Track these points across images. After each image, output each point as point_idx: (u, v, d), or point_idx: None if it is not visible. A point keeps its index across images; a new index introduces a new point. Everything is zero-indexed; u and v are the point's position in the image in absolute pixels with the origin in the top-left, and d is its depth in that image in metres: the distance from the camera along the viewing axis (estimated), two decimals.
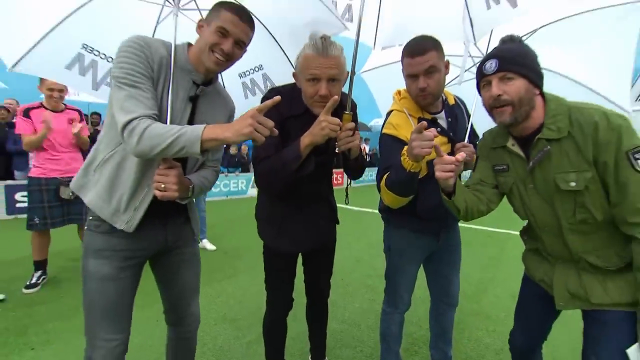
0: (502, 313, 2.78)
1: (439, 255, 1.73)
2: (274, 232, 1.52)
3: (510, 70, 1.09)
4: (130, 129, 1.02)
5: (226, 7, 1.16)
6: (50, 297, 2.76)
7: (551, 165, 1.12)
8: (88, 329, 1.19)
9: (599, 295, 1.13)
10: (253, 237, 2.75)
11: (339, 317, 2.60)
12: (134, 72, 1.07)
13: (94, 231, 1.17)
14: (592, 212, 1.09)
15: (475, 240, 5.13)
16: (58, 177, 2.86)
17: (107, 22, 1.52)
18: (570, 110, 1.09)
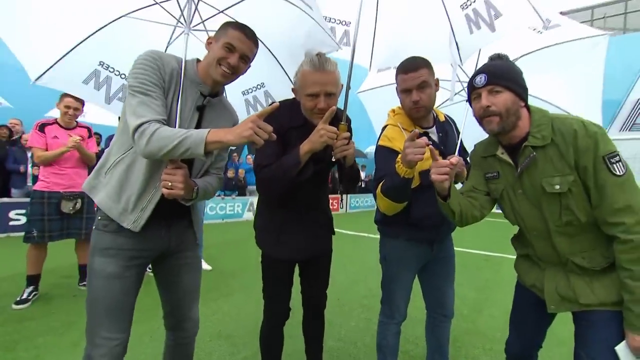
0: (497, 332, 2.76)
1: (433, 267, 1.77)
2: (273, 240, 1.57)
3: (497, 84, 1.20)
4: (141, 131, 1.11)
5: (233, 26, 1.28)
6: (41, 313, 2.71)
7: (537, 170, 1.20)
8: (90, 327, 1.21)
9: (586, 296, 1.18)
10: (249, 259, 2.80)
11: (336, 335, 2.57)
12: (147, 82, 1.17)
13: (102, 230, 1.22)
14: (576, 214, 1.15)
15: (471, 263, 5.13)
16: (61, 191, 2.91)
17: (123, 42, 1.64)
18: (552, 120, 1.19)
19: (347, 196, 12.30)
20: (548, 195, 1.18)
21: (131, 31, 1.63)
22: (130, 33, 1.63)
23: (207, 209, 8.07)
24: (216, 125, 1.36)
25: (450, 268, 1.81)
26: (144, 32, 1.68)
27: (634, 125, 12.56)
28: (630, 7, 14.45)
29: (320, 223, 1.64)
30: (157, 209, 1.24)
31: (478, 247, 6.12)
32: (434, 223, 1.61)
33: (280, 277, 1.61)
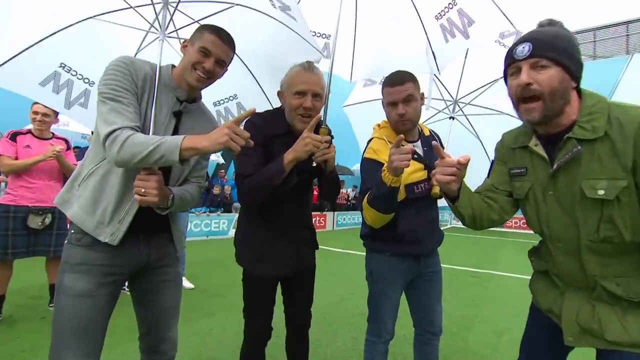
0: (487, 350, 2.71)
1: (420, 283, 1.71)
2: (255, 257, 1.49)
3: (544, 57, 0.94)
4: (112, 138, 1.05)
5: (209, 30, 1.25)
6: (4, 338, 2.49)
7: (579, 169, 0.95)
8: (54, 350, 1.10)
9: (615, 332, 0.96)
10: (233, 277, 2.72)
11: (322, 355, 2.45)
12: (118, 88, 1.12)
13: (75, 244, 1.14)
14: (619, 229, 0.92)
15: (458, 279, 5.12)
16: (29, 205, 2.74)
17: (89, 45, 1.56)
18: (610, 108, 0.94)
19: (334, 213, 12.26)
20: (587, 202, 0.95)
21: (99, 34, 1.57)
22: (98, 36, 1.57)
23: (192, 226, 7.85)
24: (194, 131, 1.31)
25: (437, 284, 1.76)
26: (113, 36, 1.61)
27: None
28: (599, 36, 15.43)
29: (304, 238, 1.58)
30: (135, 221, 1.16)
31: (465, 264, 6.12)
32: (420, 237, 1.58)
33: (262, 295, 1.52)
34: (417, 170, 1.56)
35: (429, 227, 1.65)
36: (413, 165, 1.48)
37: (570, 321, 1.04)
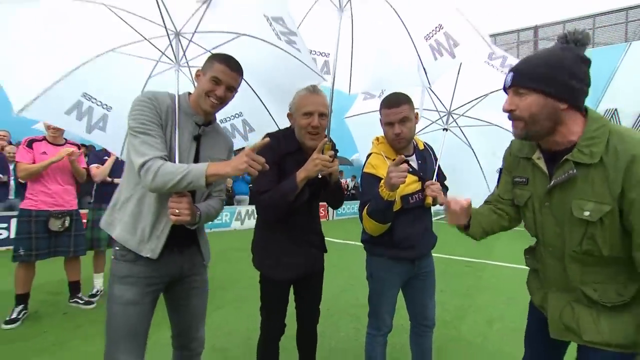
0: (479, 338, 2.92)
1: (415, 282, 1.90)
2: (273, 263, 1.67)
3: (522, 86, 1.06)
4: (146, 168, 1.21)
5: (218, 59, 1.39)
6: (32, 333, 2.70)
7: (573, 189, 1.05)
8: (108, 352, 1.29)
9: (591, 333, 1.08)
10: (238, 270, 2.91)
11: (326, 346, 2.66)
12: (146, 122, 1.27)
13: (120, 260, 1.31)
14: (599, 246, 1.03)
15: (453, 269, 5.33)
16: (49, 209, 2.91)
17: (107, 75, 1.70)
18: (610, 134, 1.00)
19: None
20: (574, 219, 1.05)
21: (115, 64, 1.69)
22: (114, 66, 1.69)
23: None
24: (214, 151, 1.48)
25: (430, 282, 1.94)
26: (126, 66, 1.73)
27: None
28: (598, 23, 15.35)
29: (315, 244, 1.76)
30: (169, 237, 1.34)
31: (460, 254, 6.33)
32: (415, 243, 1.77)
33: (277, 296, 1.71)
34: (412, 183, 1.73)
35: (423, 234, 1.83)
36: (408, 178, 1.64)
37: (554, 318, 1.17)
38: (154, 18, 1.57)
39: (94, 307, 3.27)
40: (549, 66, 1.04)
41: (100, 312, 3.15)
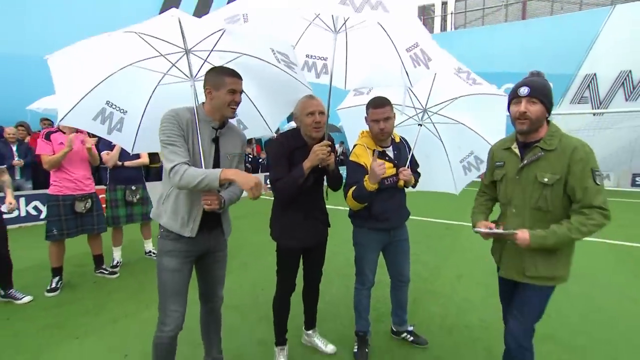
0: (449, 290, 3.51)
1: (392, 248, 2.40)
2: (287, 236, 2.13)
3: (536, 97, 1.57)
4: (174, 172, 1.59)
5: (226, 74, 1.70)
6: (72, 299, 3.17)
7: (537, 166, 1.61)
8: (162, 304, 1.74)
9: (531, 270, 1.64)
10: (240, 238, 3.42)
11: (321, 299, 3.15)
12: (172, 135, 1.63)
13: (166, 239, 1.72)
14: (547, 202, 1.59)
15: (434, 231, 5.93)
16: (73, 193, 3.26)
17: (125, 84, 1.95)
18: (562, 136, 1.60)
19: None
20: (536, 184, 1.61)
21: (132, 76, 1.94)
22: (131, 77, 1.94)
23: None
24: (231, 147, 1.85)
25: (404, 248, 2.44)
26: (140, 76, 1.96)
27: (582, 99, 13.66)
28: None
29: (321, 220, 2.23)
30: (204, 223, 1.75)
31: (442, 217, 6.94)
32: (389, 216, 2.25)
33: (291, 261, 2.19)
34: (388, 168, 2.17)
35: (396, 209, 2.30)
36: (386, 164, 2.10)
37: (506, 262, 1.73)
38: (169, 39, 1.84)
39: (118, 276, 3.74)
40: (547, 89, 1.61)
41: (125, 281, 3.64)
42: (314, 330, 2.53)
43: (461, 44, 15.98)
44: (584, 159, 1.53)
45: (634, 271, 4.12)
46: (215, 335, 2.11)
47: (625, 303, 3.24)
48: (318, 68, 2.44)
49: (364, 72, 2.44)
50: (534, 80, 1.61)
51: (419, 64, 2.10)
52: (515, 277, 1.71)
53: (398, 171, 2.21)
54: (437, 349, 2.48)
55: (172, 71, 2.00)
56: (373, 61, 2.35)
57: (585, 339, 2.62)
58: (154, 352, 1.77)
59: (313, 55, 2.42)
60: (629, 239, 5.55)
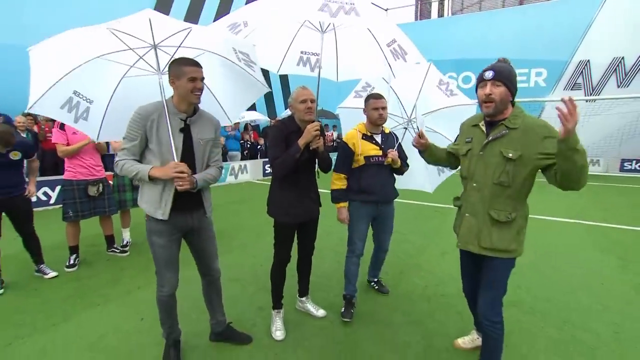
0: (432, 265, 3.84)
1: (377, 223, 2.85)
2: (282, 212, 2.41)
3: (499, 80, 1.71)
4: (115, 164, 1.89)
5: (184, 63, 1.85)
6: (90, 274, 3.51)
7: (501, 142, 1.75)
8: (158, 271, 2.04)
9: (485, 241, 1.79)
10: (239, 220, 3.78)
11: (314, 273, 3.47)
12: (131, 130, 1.85)
13: (151, 220, 1.97)
14: (509, 177, 1.72)
15: (423, 213, 6.25)
16: (86, 178, 3.55)
17: (92, 76, 2.04)
18: (525, 116, 1.74)
19: None
20: (500, 159, 1.74)
21: (100, 67, 2.03)
22: (99, 69, 2.03)
23: None
24: (203, 133, 2.00)
25: (388, 224, 2.85)
26: (107, 69, 2.06)
27: (575, 85, 13.80)
28: None
29: (313, 199, 2.53)
30: (181, 204, 1.93)
31: (432, 200, 7.21)
32: (375, 191, 2.67)
33: (287, 235, 2.49)
34: (373, 149, 2.66)
35: (381, 185, 2.69)
36: (371, 146, 2.65)
37: (464, 234, 1.88)
38: (138, 34, 1.98)
39: (128, 254, 4.07)
40: (511, 74, 1.76)
41: (136, 259, 3.97)
42: (307, 298, 2.88)
43: (458, 29, 15.98)
44: (545, 132, 1.67)
45: (604, 249, 4.47)
46: (218, 303, 2.39)
47: (589, 275, 3.60)
48: (312, 63, 2.74)
49: (352, 66, 2.75)
50: (498, 65, 1.75)
51: (398, 57, 2.40)
52: (471, 248, 1.87)
53: (386, 152, 2.64)
54: (416, 314, 2.83)
55: (140, 64, 2.12)
56: (360, 56, 2.64)
57: (546, 305, 2.98)
58: (159, 306, 2.10)
59: (307, 52, 2.70)
60: (606, 221, 5.90)
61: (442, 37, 15.98)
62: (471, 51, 15.51)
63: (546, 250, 4.35)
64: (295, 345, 2.39)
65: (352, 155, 2.65)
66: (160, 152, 1.90)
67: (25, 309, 2.81)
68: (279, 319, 2.61)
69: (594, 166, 13.15)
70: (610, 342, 2.46)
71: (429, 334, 2.55)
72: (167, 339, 2.20)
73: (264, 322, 2.67)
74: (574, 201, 7.57)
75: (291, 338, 2.48)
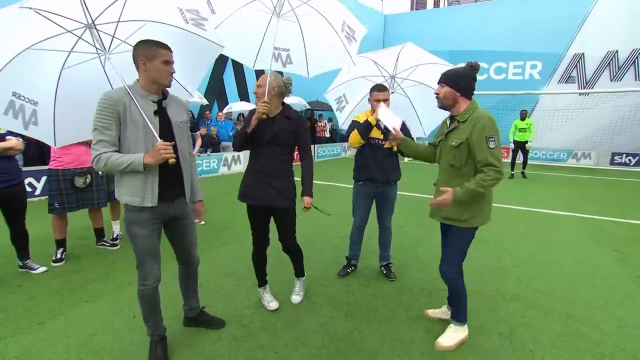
0: (430, 258, 3.79)
1: (379, 202, 3.20)
2: (243, 193, 2.50)
3: (444, 82, 2.13)
4: (97, 160, 1.73)
5: (160, 46, 1.78)
6: (78, 269, 3.35)
7: (454, 133, 2.12)
8: (140, 264, 1.96)
9: (446, 212, 2.16)
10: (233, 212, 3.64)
11: (312, 267, 3.46)
12: (102, 119, 1.71)
13: (132, 211, 1.88)
14: (457, 161, 2.09)
15: (420, 206, 6.20)
16: (72, 168, 3.37)
17: (27, 72, 1.79)
18: (474, 110, 2.07)
19: (314, 146, 13.05)
20: (450, 147, 2.12)
21: (32, 61, 1.77)
22: (31, 63, 1.77)
23: None
24: (177, 116, 1.95)
25: (389, 204, 3.21)
26: (42, 60, 1.81)
27: (569, 78, 13.85)
28: None
29: (274, 187, 2.42)
30: (164, 193, 1.89)
31: (428, 192, 7.24)
32: (372, 169, 3.01)
33: (254, 218, 2.55)
34: (377, 132, 2.98)
35: (379, 165, 3.00)
36: (376, 131, 2.96)
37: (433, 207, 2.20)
38: (67, 14, 1.75)
39: (119, 248, 3.91)
40: (456, 76, 2.12)
41: (127, 252, 3.82)
42: (300, 279, 2.94)
43: (454, 20, 15.84)
44: (481, 128, 1.98)
45: (600, 241, 4.49)
46: (194, 290, 2.40)
47: (587, 268, 3.60)
48: (283, 58, 2.76)
49: (320, 60, 2.81)
50: (448, 71, 2.16)
51: (351, 40, 2.54)
52: (436, 218, 2.28)
53: (390, 135, 2.68)
54: (418, 309, 2.77)
55: (78, 48, 1.89)
56: (324, 48, 2.72)
57: (547, 299, 2.95)
58: (142, 302, 2.03)
59: (279, 48, 2.73)
60: (599, 213, 5.95)
61: (437, 28, 15.84)
62: (467, 42, 15.41)
63: (544, 243, 4.34)
64: (297, 344, 2.31)
65: (357, 124, 2.99)
66: (137, 137, 1.80)
67: (7, 307, 2.66)
68: (266, 293, 2.77)
69: (585, 159, 13.30)
70: (615, 336, 2.43)
71: (432, 330, 2.49)
72: (151, 336, 2.11)
73: (262, 319, 2.58)
74: (566, 194, 7.63)
75: (291, 335, 2.39)
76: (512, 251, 4.05)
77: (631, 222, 5.47)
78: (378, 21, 18.09)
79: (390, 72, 3.26)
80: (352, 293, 3.00)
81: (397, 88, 3.32)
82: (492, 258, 3.83)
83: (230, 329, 2.44)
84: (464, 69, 2.12)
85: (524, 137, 9.10)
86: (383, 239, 3.33)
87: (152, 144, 1.81)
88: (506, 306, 2.83)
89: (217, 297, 2.87)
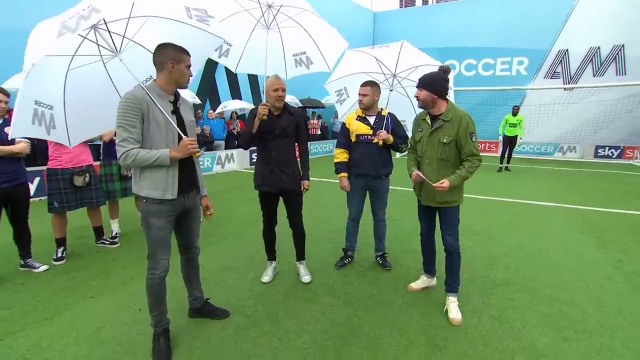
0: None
1: (372, 195, 3.35)
2: (260, 182, 2.89)
3: (420, 86, 2.43)
4: (124, 157, 1.82)
5: (183, 52, 1.92)
6: (79, 267, 3.40)
7: (440, 131, 2.42)
8: (151, 253, 2.05)
9: (439, 197, 2.48)
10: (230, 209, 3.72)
11: (311, 260, 3.56)
12: (126, 116, 1.80)
13: (151, 203, 1.97)
14: (447, 154, 2.42)
15: (412, 201, 6.34)
16: (70, 167, 3.40)
17: (41, 78, 1.87)
18: (455, 110, 2.39)
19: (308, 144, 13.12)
20: (439, 143, 2.43)
21: (44, 65, 1.82)
22: (44, 68, 1.83)
23: None
24: (187, 115, 2.09)
25: (381, 197, 3.35)
26: (51, 64, 1.87)
27: (554, 74, 14.20)
28: None
29: (286, 173, 2.85)
30: (181, 187, 2.00)
31: None
32: (362, 164, 3.16)
33: (267, 202, 2.97)
34: (366, 129, 3.13)
35: (368, 160, 3.14)
36: (365, 127, 3.13)
37: (424, 194, 2.57)
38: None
39: (118, 246, 3.96)
40: (431, 79, 2.41)
41: (125, 250, 3.87)
42: (301, 262, 3.25)
43: (442, 17, 16.06)
44: (466, 126, 2.35)
45: (583, 230, 4.70)
46: (196, 279, 2.50)
47: (571, 255, 3.79)
48: (305, 61, 3.20)
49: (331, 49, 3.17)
50: (424, 76, 2.43)
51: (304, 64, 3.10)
52: (431, 204, 2.57)
53: (377, 132, 3.06)
54: (413, 296, 2.91)
55: (82, 51, 1.95)
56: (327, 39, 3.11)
57: (534, 284, 3.12)
58: (150, 291, 2.11)
59: (297, 53, 3.14)
60: (583, 204, 6.19)
61: (426, 25, 16.04)
62: (455, 39, 15.65)
63: (532, 233, 4.53)
64: (299, 330, 2.42)
65: (347, 133, 3.19)
66: (159, 135, 1.91)
67: (12, 304, 2.70)
68: (270, 268, 3.18)
69: (571, 152, 13.70)
70: (595, 314, 2.61)
71: (427, 313, 2.63)
72: (155, 327, 2.18)
73: (265, 309, 2.68)
74: (552, 186, 7.89)
75: (294, 323, 2.50)
76: (501, 241, 4.22)
77: (612, 211, 5.72)
78: (368, 18, 18.22)
79: (392, 70, 3.34)
80: (350, 283, 3.12)
81: (397, 86, 3.40)
82: (483, 247, 3.99)
83: (235, 319, 2.53)
84: (437, 73, 2.41)
85: (514, 132, 9.35)
86: (378, 231, 3.46)
87: (172, 140, 1.95)
88: (496, 291, 2.99)
89: (218, 290, 2.96)
